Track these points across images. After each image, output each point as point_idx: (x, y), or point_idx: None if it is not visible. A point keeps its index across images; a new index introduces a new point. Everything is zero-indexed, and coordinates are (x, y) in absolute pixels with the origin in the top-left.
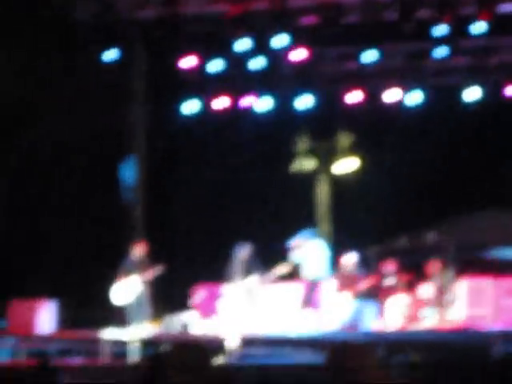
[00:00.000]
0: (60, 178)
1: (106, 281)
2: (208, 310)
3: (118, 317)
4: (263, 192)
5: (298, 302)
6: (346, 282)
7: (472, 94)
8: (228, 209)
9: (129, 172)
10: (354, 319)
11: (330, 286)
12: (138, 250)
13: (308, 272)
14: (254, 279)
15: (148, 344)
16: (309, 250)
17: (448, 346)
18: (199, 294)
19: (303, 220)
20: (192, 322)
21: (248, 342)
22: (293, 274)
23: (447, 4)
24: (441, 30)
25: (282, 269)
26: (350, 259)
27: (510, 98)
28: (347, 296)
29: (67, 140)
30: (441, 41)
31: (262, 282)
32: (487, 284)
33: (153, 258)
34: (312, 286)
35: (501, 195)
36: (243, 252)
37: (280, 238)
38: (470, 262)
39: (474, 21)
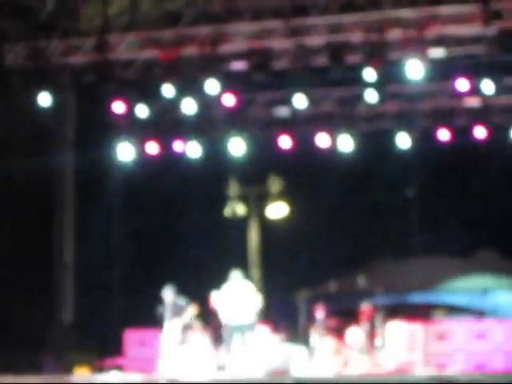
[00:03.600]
0: None
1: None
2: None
3: None
4: (196, 236)
5: (222, 346)
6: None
7: (403, 139)
8: (160, 253)
9: None
10: (283, 363)
11: (258, 330)
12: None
13: (233, 315)
14: (181, 320)
15: None
16: (235, 293)
17: None
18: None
19: (235, 264)
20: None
21: None
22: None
23: (376, 49)
24: (370, 74)
25: (192, 310)
26: None
27: (443, 142)
28: (276, 340)
29: None
30: (370, 86)
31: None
32: (417, 329)
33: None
34: (238, 330)
35: (429, 241)
36: (168, 293)
37: (211, 281)
38: (398, 307)
39: (403, 66)
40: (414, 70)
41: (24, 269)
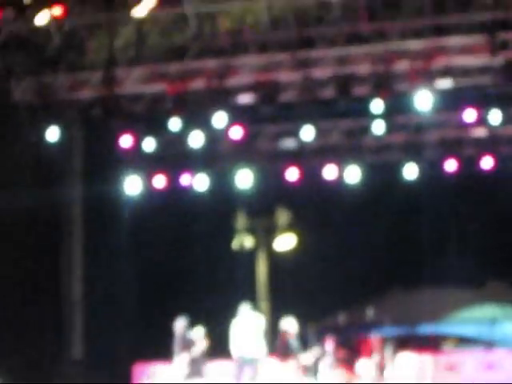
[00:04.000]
0: None
1: None
2: None
3: None
4: (204, 269)
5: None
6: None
7: (410, 170)
8: (168, 287)
9: None
10: None
11: (267, 363)
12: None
13: (243, 348)
14: (190, 354)
15: None
16: (244, 326)
17: None
18: None
19: (243, 297)
20: None
21: None
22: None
23: (383, 80)
24: (377, 106)
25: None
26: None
27: (450, 172)
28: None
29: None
30: (377, 117)
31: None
32: (427, 360)
33: None
34: (247, 364)
35: (438, 272)
36: (179, 326)
37: (219, 314)
38: (408, 338)
39: (410, 97)
40: (422, 101)
41: (32, 305)
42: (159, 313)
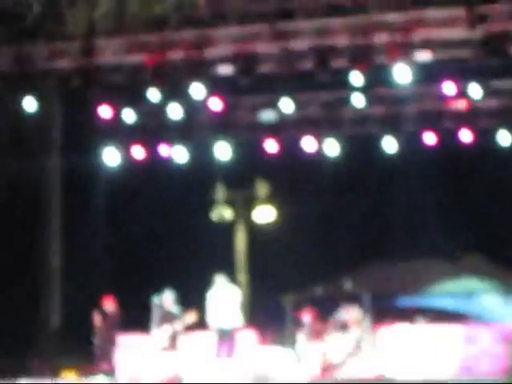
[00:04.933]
0: None
1: None
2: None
3: None
4: (182, 240)
5: (210, 352)
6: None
7: (389, 143)
8: (147, 257)
9: None
10: (269, 368)
11: (243, 335)
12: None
13: (219, 320)
14: (175, 326)
15: None
16: (221, 298)
17: None
18: None
19: (221, 268)
20: None
21: None
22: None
23: (362, 53)
24: (357, 78)
25: (190, 317)
26: None
27: (429, 145)
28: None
29: None
30: (357, 89)
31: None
32: (404, 333)
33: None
34: (224, 335)
35: (416, 245)
36: (166, 299)
37: (198, 286)
38: (385, 311)
39: (390, 69)
40: (401, 73)
41: (11, 274)
42: (137, 283)
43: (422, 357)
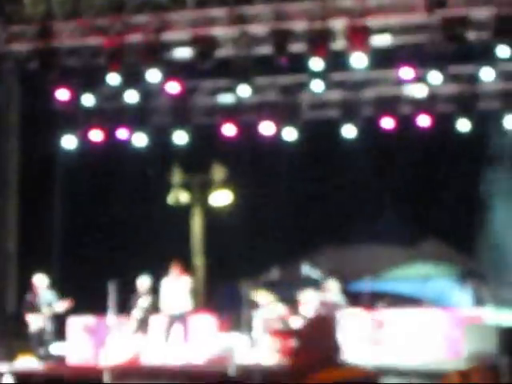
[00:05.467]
0: None
1: None
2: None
3: None
4: (139, 223)
5: (162, 335)
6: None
7: (348, 129)
8: (104, 240)
9: None
10: (226, 351)
11: (195, 319)
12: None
13: (171, 305)
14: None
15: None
16: (172, 285)
17: None
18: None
19: (178, 252)
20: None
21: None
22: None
23: (320, 37)
24: (316, 64)
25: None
26: None
27: (387, 130)
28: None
29: None
30: (316, 75)
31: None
32: (361, 317)
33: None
34: (174, 320)
35: (373, 230)
36: (143, 283)
37: (154, 270)
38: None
39: (348, 54)
40: (358, 59)
41: None
42: (93, 266)
43: (380, 341)
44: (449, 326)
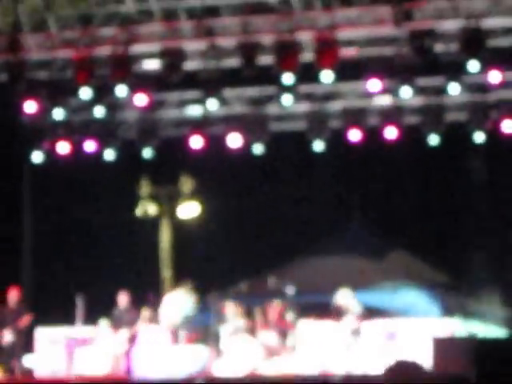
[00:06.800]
0: None
1: None
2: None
3: None
4: (107, 236)
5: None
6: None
7: (316, 143)
8: (71, 252)
9: None
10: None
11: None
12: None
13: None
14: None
15: None
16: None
17: None
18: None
19: (146, 264)
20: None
21: None
22: None
23: (288, 50)
24: (283, 76)
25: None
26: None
27: (354, 143)
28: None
29: None
30: (284, 87)
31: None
32: (329, 328)
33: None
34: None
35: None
36: (122, 299)
37: (121, 281)
38: (310, 307)
39: (317, 67)
40: (326, 71)
41: None
42: (60, 278)
43: (346, 352)
44: (417, 337)
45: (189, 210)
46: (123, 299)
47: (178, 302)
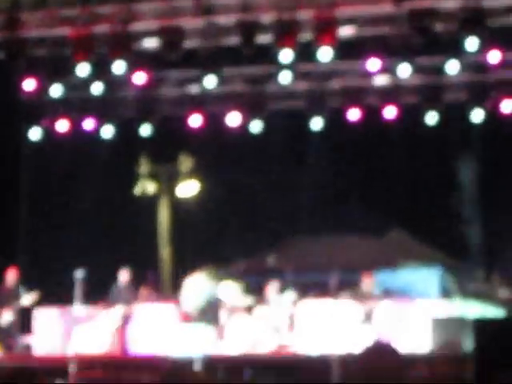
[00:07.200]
0: None
1: None
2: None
3: None
4: (106, 214)
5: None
6: None
7: (314, 121)
8: (70, 232)
9: None
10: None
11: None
12: (10, 277)
13: None
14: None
15: None
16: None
17: (290, 371)
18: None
19: (145, 242)
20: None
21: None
22: None
23: (288, 29)
24: (285, 55)
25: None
26: None
27: (353, 122)
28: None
29: None
30: (282, 65)
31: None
32: (327, 307)
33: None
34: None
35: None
36: (123, 276)
37: (120, 262)
38: (308, 285)
39: (316, 45)
40: (324, 51)
41: None
42: (59, 257)
43: (345, 332)
44: (417, 317)
45: (187, 188)
46: (124, 276)
47: (199, 286)
